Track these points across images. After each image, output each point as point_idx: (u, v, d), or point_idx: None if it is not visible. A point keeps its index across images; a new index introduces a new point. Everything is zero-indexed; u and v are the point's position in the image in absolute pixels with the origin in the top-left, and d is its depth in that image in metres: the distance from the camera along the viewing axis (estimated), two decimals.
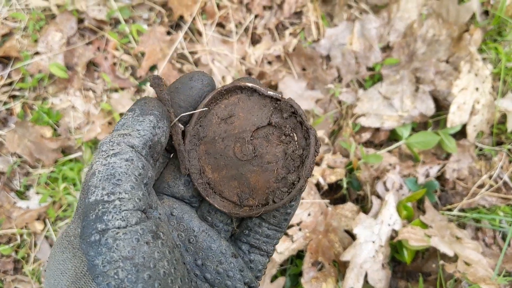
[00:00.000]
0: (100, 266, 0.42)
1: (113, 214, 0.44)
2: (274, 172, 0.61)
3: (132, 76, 1.86)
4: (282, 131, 0.62)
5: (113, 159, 0.47)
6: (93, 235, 0.43)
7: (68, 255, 0.48)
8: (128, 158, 0.48)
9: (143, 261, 0.43)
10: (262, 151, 0.61)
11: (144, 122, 0.53)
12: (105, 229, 0.43)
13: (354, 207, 1.57)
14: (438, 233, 1.46)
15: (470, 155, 1.66)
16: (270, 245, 0.64)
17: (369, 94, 1.72)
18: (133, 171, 0.48)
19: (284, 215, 0.62)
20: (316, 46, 1.81)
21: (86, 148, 1.77)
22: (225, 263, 0.61)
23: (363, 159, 1.59)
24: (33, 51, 1.84)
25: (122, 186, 0.46)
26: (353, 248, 1.42)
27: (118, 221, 0.44)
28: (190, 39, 1.87)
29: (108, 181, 0.45)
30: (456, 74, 1.61)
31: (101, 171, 0.46)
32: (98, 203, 0.44)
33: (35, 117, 1.79)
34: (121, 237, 0.43)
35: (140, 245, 0.44)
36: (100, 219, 0.43)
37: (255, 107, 0.63)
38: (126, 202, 0.45)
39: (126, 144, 0.49)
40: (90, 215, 0.44)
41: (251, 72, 1.82)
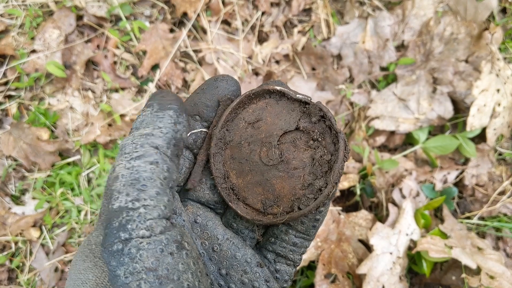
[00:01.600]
0: (122, 277, 0.40)
1: (138, 223, 0.42)
2: (301, 178, 0.58)
3: (133, 75, 1.77)
4: (310, 136, 0.59)
5: (137, 162, 0.45)
6: (116, 244, 0.41)
7: (89, 264, 0.46)
8: (152, 161, 0.45)
9: (167, 273, 0.41)
10: (288, 157, 0.59)
11: (164, 118, 0.50)
12: (129, 239, 0.41)
13: (368, 215, 1.48)
14: (459, 243, 1.37)
15: (490, 160, 1.58)
16: (297, 254, 0.61)
17: (383, 95, 1.63)
18: (159, 175, 0.45)
19: (313, 222, 0.59)
20: (327, 45, 1.72)
21: (85, 151, 1.68)
22: (250, 273, 0.58)
23: (378, 164, 1.50)
24: (29, 49, 1.75)
25: (147, 192, 0.43)
26: (369, 260, 1.33)
27: (142, 230, 0.42)
28: (194, 36, 1.78)
29: (133, 187, 0.43)
30: (476, 75, 1.53)
31: (125, 175, 0.44)
32: (122, 210, 0.42)
33: (31, 118, 1.70)
34: (145, 247, 0.41)
35: (164, 256, 0.42)
36: (123, 228, 0.41)
37: (283, 112, 0.61)
38: (151, 210, 0.43)
39: (150, 146, 0.46)
40: (113, 223, 0.42)
41: (258, 72, 1.73)
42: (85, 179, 1.68)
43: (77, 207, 1.65)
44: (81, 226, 1.63)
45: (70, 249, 1.62)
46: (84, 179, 1.67)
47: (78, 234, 1.64)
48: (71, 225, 1.63)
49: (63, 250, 1.61)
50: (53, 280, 1.58)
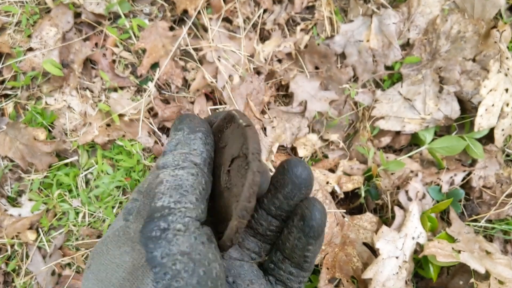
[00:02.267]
0: (159, 257, 0.42)
1: (178, 217, 0.44)
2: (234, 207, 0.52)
3: (132, 74, 1.73)
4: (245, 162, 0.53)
5: (180, 172, 0.48)
6: (155, 231, 0.43)
7: (126, 249, 0.47)
8: (194, 173, 0.49)
9: (199, 258, 0.43)
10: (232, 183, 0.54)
11: (196, 140, 0.53)
12: (167, 228, 0.43)
13: (373, 218, 1.45)
14: (466, 247, 1.33)
15: (498, 161, 1.54)
16: (295, 282, 0.59)
17: (388, 95, 1.60)
18: (198, 185, 0.48)
19: (303, 258, 0.57)
20: (330, 43, 1.68)
21: (83, 152, 1.65)
22: (256, 284, 0.57)
23: (383, 165, 1.47)
24: (26, 47, 1.71)
25: (188, 197, 0.46)
26: (375, 265, 1.29)
27: (179, 224, 0.44)
28: (194, 34, 1.74)
29: (176, 191, 0.46)
30: (484, 74, 1.49)
31: (169, 180, 0.47)
32: (165, 208, 0.45)
33: (28, 118, 1.66)
34: (181, 234, 0.44)
35: (197, 243, 0.44)
36: (164, 219, 0.44)
37: (236, 137, 0.57)
38: (190, 211, 0.46)
39: (190, 162, 0.50)
40: (155, 215, 0.44)
41: (260, 71, 1.69)
42: (83, 180, 1.64)
43: (74, 209, 1.61)
44: (78, 228, 1.60)
45: (67, 252, 1.58)
46: (82, 180, 1.63)
47: (76, 236, 1.60)
48: (68, 228, 1.60)
49: (60, 253, 1.57)
50: (49, 284, 1.54)
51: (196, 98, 1.69)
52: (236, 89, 1.62)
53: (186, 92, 1.71)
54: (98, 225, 1.61)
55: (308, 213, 0.54)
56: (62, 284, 1.54)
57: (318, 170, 1.53)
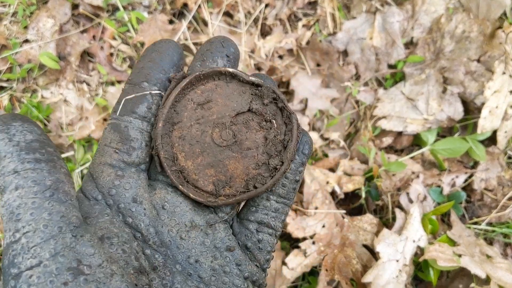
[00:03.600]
0: None
1: (23, 254, 0.40)
2: (255, 158, 0.59)
3: (130, 68, 1.70)
4: (263, 117, 0.60)
5: (6, 196, 0.44)
6: (10, 282, 0.40)
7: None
8: (16, 186, 0.44)
9: None
10: (241, 137, 0.59)
11: (16, 132, 0.48)
12: (19, 274, 0.40)
13: (373, 220, 1.43)
14: (467, 251, 1.32)
15: (500, 163, 1.52)
16: (278, 220, 0.61)
17: (391, 94, 1.57)
18: (28, 196, 0.43)
19: (293, 184, 0.60)
20: (332, 40, 1.65)
21: (79, 147, 1.62)
22: (220, 258, 0.57)
23: (385, 166, 1.45)
24: (22, 39, 1.67)
25: (23, 220, 0.42)
26: (375, 269, 1.28)
27: (29, 260, 0.40)
28: (194, 29, 1.71)
29: (11, 221, 0.42)
30: (488, 75, 1.47)
31: (4, 213, 0.43)
32: (8, 246, 0.41)
33: (24, 111, 1.63)
34: (35, 282, 0.39)
35: (56, 287, 0.40)
36: (12, 263, 0.40)
37: (234, 93, 0.61)
38: (31, 236, 0.41)
39: (8, 174, 0.45)
40: (4, 261, 0.41)
41: (260, 67, 1.66)
42: (78, 176, 1.61)
43: None
44: None
45: None
46: (77, 176, 1.61)
47: None
48: None
49: None
50: None
51: None
52: None
53: None
54: None
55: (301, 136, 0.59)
56: None
57: (318, 169, 1.51)
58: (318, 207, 1.42)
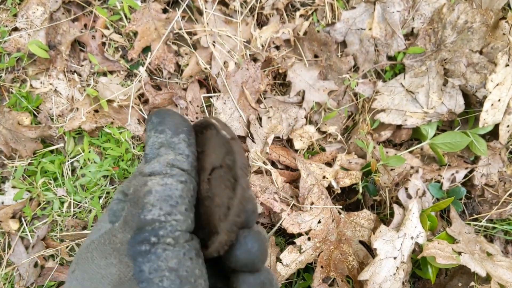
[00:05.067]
0: (147, 272, 0.42)
1: (169, 232, 0.44)
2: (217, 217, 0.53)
3: (122, 58, 1.65)
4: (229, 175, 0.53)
5: (169, 180, 0.47)
6: (145, 244, 0.43)
7: (113, 261, 0.47)
8: (183, 181, 0.48)
9: (186, 275, 0.43)
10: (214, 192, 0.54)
11: (180, 143, 0.52)
12: (157, 243, 0.43)
13: (370, 215, 1.39)
14: (467, 248, 1.28)
15: (501, 158, 1.48)
16: None
17: (390, 86, 1.53)
18: (187, 194, 0.48)
19: None
20: (331, 30, 1.60)
21: (69, 139, 1.57)
22: None
23: (383, 161, 1.40)
24: (11, 27, 1.62)
25: (178, 208, 0.46)
26: (372, 266, 1.24)
27: (170, 239, 0.44)
28: (188, 18, 1.66)
29: (166, 202, 0.45)
30: (491, 67, 1.42)
31: (159, 190, 0.46)
32: (155, 221, 0.44)
33: (12, 102, 1.58)
34: (170, 249, 0.43)
35: (185, 259, 0.44)
36: (155, 233, 0.43)
37: (217, 145, 0.56)
38: (181, 223, 0.45)
39: (178, 168, 0.49)
40: (146, 228, 0.44)
41: (257, 58, 1.62)
42: (68, 168, 1.57)
43: (59, 198, 1.54)
44: (63, 219, 1.53)
45: (50, 243, 1.52)
46: (67, 168, 1.56)
47: (60, 227, 1.54)
48: (53, 218, 1.53)
49: (43, 244, 1.51)
50: (32, 276, 1.48)
51: (189, 84, 1.61)
52: (231, 77, 1.55)
53: (178, 78, 1.64)
54: (84, 215, 1.55)
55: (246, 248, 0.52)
56: (45, 276, 1.48)
57: (314, 163, 1.46)
58: (314, 202, 1.38)
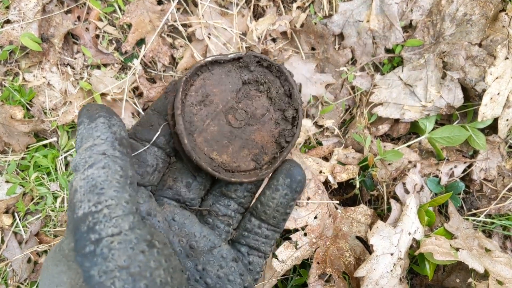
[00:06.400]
0: (97, 276, 0.41)
1: (105, 222, 0.43)
2: (272, 119, 0.62)
3: (116, 50, 1.63)
4: (257, 82, 0.63)
5: (90, 171, 0.47)
6: (88, 246, 0.42)
7: (62, 268, 0.47)
8: (104, 165, 0.48)
9: (139, 270, 0.42)
10: (251, 109, 0.62)
11: (98, 126, 0.52)
12: (99, 239, 0.42)
13: (368, 211, 1.37)
14: (465, 244, 1.27)
15: (500, 153, 1.46)
16: (268, 245, 0.66)
17: (388, 80, 1.51)
18: (113, 176, 0.47)
19: (284, 215, 0.64)
20: (328, 23, 1.58)
21: (62, 132, 1.55)
22: (225, 268, 0.61)
23: (380, 155, 1.38)
24: (3, 19, 1.60)
25: (106, 194, 0.45)
26: (368, 263, 1.22)
27: (110, 228, 0.43)
28: (183, 10, 1.63)
29: (92, 193, 0.45)
30: (490, 60, 1.40)
31: (82, 185, 0.46)
32: (87, 215, 0.44)
33: (5, 95, 1.56)
34: (116, 247, 0.42)
35: (135, 254, 0.43)
36: (92, 230, 0.43)
37: (222, 77, 0.63)
38: (114, 208, 0.44)
39: (97, 154, 0.49)
40: (81, 228, 0.43)
41: (253, 50, 1.59)
42: (62, 163, 1.55)
43: (52, 193, 1.52)
44: (56, 214, 1.51)
45: (44, 238, 1.50)
46: (61, 163, 1.54)
47: (54, 222, 1.52)
48: (46, 213, 1.51)
49: (36, 240, 1.49)
50: (25, 271, 1.46)
51: None
52: None
53: (173, 71, 1.61)
54: None
55: (294, 171, 0.61)
56: (39, 272, 1.46)
57: (311, 158, 1.44)
58: (310, 198, 1.36)
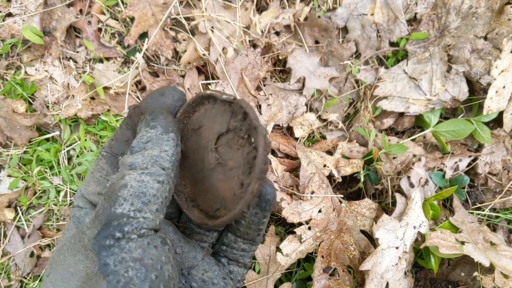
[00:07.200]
0: (112, 265, 0.43)
1: (134, 228, 0.45)
2: (237, 178, 0.58)
3: (119, 44, 1.62)
4: (239, 135, 0.59)
5: (147, 178, 0.48)
6: (109, 239, 0.44)
7: (80, 257, 0.48)
8: (160, 181, 0.49)
9: (152, 263, 0.44)
10: (225, 158, 0.59)
11: (169, 141, 0.53)
12: (121, 238, 0.44)
13: (372, 204, 1.36)
14: (470, 237, 1.26)
15: (505, 146, 1.46)
16: (246, 257, 0.66)
17: (392, 73, 1.50)
18: (162, 194, 0.48)
19: (257, 231, 0.63)
20: (332, 16, 1.56)
21: (65, 126, 1.54)
22: (210, 272, 0.62)
23: (385, 149, 1.38)
24: (5, 12, 1.59)
25: (149, 207, 0.47)
26: (374, 256, 1.21)
27: (135, 235, 0.44)
28: (186, 3, 1.62)
29: (138, 198, 0.46)
30: (496, 53, 1.39)
31: (134, 186, 0.47)
32: (124, 216, 0.45)
33: (7, 89, 1.55)
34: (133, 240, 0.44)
35: (149, 248, 0.45)
36: (120, 229, 0.44)
37: (217, 115, 0.61)
38: (149, 222, 0.46)
39: (159, 166, 0.50)
40: (112, 223, 0.44)
41: (256, 44, 1.58)
42: (64, 156, 1.54)
43: (55, 187, 1.51)
44: (59, 208, 1.51)
45: (47, 232, 1.50)
46: (63, 156, 1.54)
47: (57, 216, 1.51)
48: (49, 207, 1.50)
49: (39, 234, 1.48)
50: (28, 265, 1.46)
51: (187, 71, 1.58)
52: (230, 63, 1.52)
53: (176, 65, 1.60)
54: None
55: (264, 190, 0.58)
56: (41, 266, 1.46)
57: (315, 151, 1.44)
58: (314, 191, 1.35)
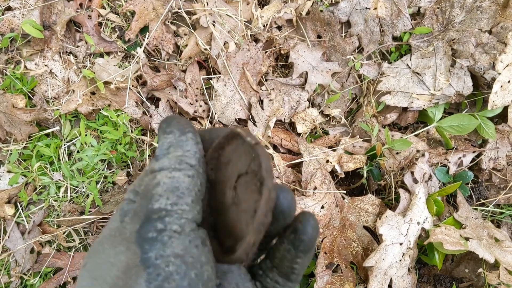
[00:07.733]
0: (153, 258, 0.43)
1: (174, 219, 0.46)
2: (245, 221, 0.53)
3: (119, 39, 1.60)
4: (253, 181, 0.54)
5: (177, 174, 0.49)
6: (151, 232, 0.45)
7: (121, 249, 0.48)
8: (190, 175, 0.50)
9: (192, 261, 0.45)
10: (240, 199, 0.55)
11: (188, 141, 0.54)
12: (163, 229, 0.45)
13: (375, 200, 1.35)
14: (475, 234, 1.25)
15: (510, 142, 1.44)
16: None
17: (396, 68, 1.48)
18: (194, 187, 0.50)
19: (290, 268, 0.57)
20: (334, 10, 1.55)
21: (65, 122, 1.53)
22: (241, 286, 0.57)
23: (388, 144, 1.36)
24: (4, 6, 1.57)
25: (184, 199, 0.48)
26: (377, 253, 1.20)
27: (176, 226, 0.45)
28: None
29: (173, 193, 0.48)
30: (501, 48, 1.37)
31: (166, 182, 0.48)
32: (162, 210, 0.46)
33: (6, 84, 1.53)
34: (176, 236, 0.45)
35: (191, 246, 0.45)
36: (161, 220, 0.45)
37: (242, 154, 0.57)
38: (187, 212, 0.47)
39: (186, 163, 0.51)
40: (152, 216, 0.46)
41: (258, 38, 1.57)
42: (65, 152, 1.52)
43: (55, 183, 1.50)
44: (59, 204, 1.49)
45: (47, 228, 1.49)
46: (64, 152, 1.52)
47: (57, 212, 1.50)
48: (49, 203, 1.49)
49: (39, 230, 1.47)
50: (28, 262, 1.44)
51: (188, 66, 1.57)
52: (232, 58, 1.50)
53: (177, 60, 1.59)
54: (81, 200, 1.51)
55: (301, 227, 0.54)
56: (42, 262, 1.45)
57: (317, 147, 1.42)
58: (317, 187, 1.34)
